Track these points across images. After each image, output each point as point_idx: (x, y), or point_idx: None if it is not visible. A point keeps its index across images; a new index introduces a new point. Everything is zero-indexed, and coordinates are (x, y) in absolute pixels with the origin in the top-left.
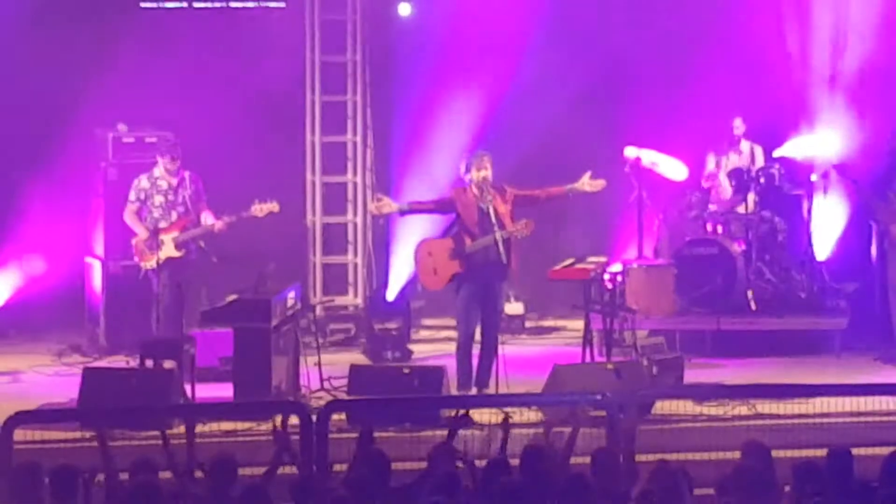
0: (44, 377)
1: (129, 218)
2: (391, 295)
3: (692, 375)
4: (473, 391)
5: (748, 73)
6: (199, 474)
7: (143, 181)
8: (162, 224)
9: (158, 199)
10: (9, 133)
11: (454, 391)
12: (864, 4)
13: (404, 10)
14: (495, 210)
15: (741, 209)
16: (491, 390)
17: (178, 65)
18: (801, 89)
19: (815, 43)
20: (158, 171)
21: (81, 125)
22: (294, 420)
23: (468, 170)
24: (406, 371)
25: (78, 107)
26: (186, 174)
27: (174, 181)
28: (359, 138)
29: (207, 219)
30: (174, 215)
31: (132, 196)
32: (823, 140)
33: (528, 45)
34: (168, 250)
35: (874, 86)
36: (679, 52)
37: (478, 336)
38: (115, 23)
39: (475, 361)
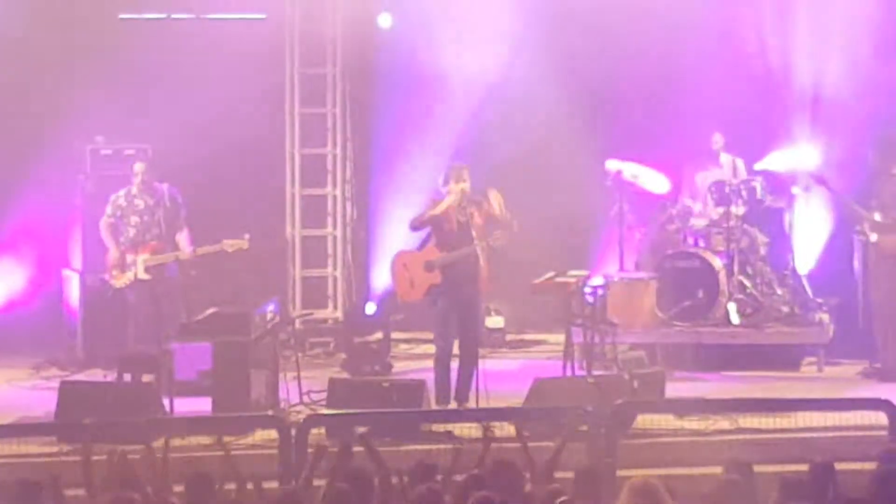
0: (21, 390)
1: (103, 231)
2: (370, 309)
3: (673, 389)
4: (453, 405)
5: (729, 87)
6: (177, 489)
7: (120, 198)
8: (131, 244)
9: (134, 219)
10: None
11: (434, 405)
12: (843, 20)
13: (384, 21)
14: (474, 222)
15: (722, 221)
16: (471, 404)
17: (156, 77)
18: (781, 104)
19: (795, 59)
20: (136, 188)
21: (59, 137)
22: (272, 434)
23: (446, 182)
24: (385, 385)
25: (56, 119)
26: (165, 187)
27: (151, 200)
28: (338, 151)
29: (182, 240)
30: (148, 237)
31: (109, 210)
32: (804, 153)
33: (510, 58)
34: (139, 272)
35: (853, 100)
36: (660, 67)
37: (456, 349)
38: (93, 34)
39: (454, 375)
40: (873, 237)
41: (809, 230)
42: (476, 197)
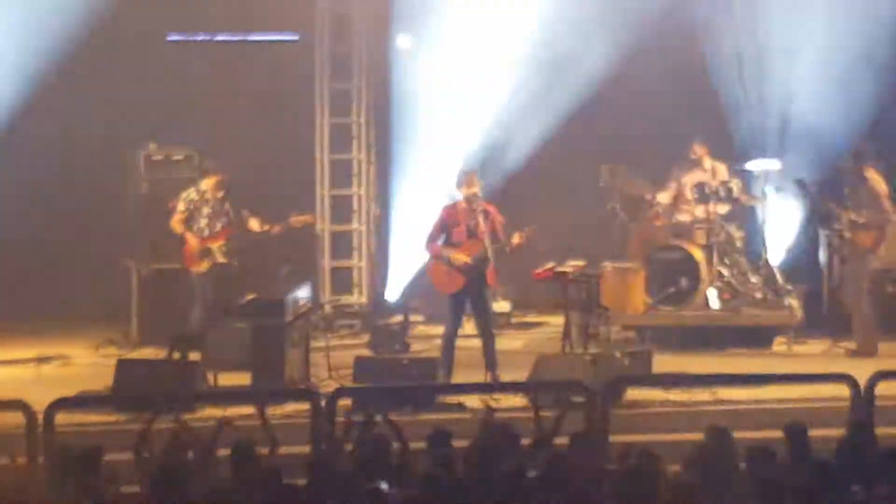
0: (83, 366)
1: (177, 226)
2: (391, 295)
3: (660, 366)
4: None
5: (711, 99)
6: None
7: (191, 193)
8: (207, 233)
9: (206, 210)
10: (51, 155)
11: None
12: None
13: (403, 42)
14: (479, 228)
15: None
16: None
17: (203, 91)
18: (758, 112)
19: (770, 71)
20: (206, 184)
21: (117, 145)
22: (305, 405)
23: (459, 185)
24: (405, 362)
25: (114, 129)
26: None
27: (219, 193)
28: (363, 156)
29: (254, 222)
30: (219, 225)
31: (181, 206)
32: (774, 160)
33: (514, 73)
34: (216, 257)
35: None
36: (647, 79)
37: (474, 331)
38: (146, 54)
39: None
40: (848, 234)
41: (781, 225)
42: (484, 205)
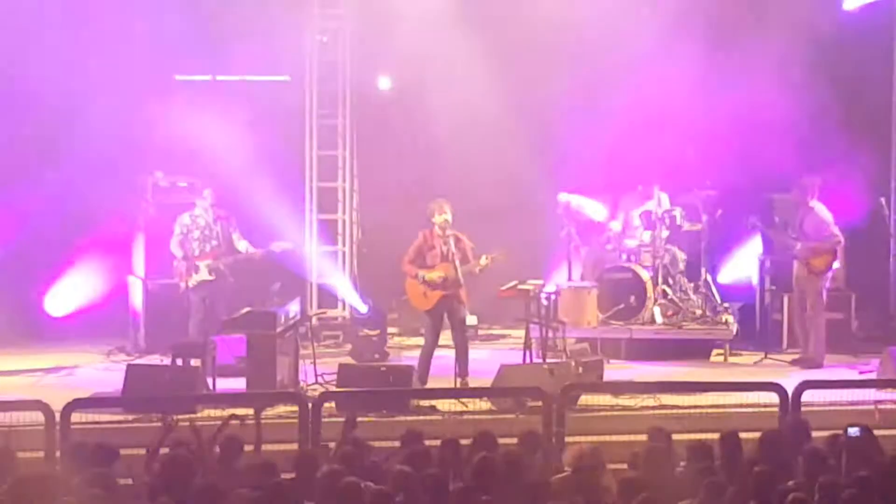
0: (96, 371)
1: (174, 248)
2: (363, 308)
3: (610, 374)
4: (455, 382)
5: (660, 132)
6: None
7: (185, 218)
8: (197, 253)
9: (197, 233)
10: (68, 179)
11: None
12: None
13: (384, 83)
14: (450, 251)
15: (649, 243)
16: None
17: (204, 124)
18: (702, 146)
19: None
20: (198, 209)
21: (127, 172)
22: (294, 407)
23: (432, 213)
24: (383, 369)
25: (125, 157)
26: (221, 213)
27: (210, 218)
28: (347, 184)
29: (247, 247)
30: (208, 247)
31: (176, 230)
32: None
33: (482, 111)
34: (203, 275)
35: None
36: (603, 114)
37: (450, 341)
38: (154, 91)
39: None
40: (803, 260)
41: (720, 250)
42: (455, 231)
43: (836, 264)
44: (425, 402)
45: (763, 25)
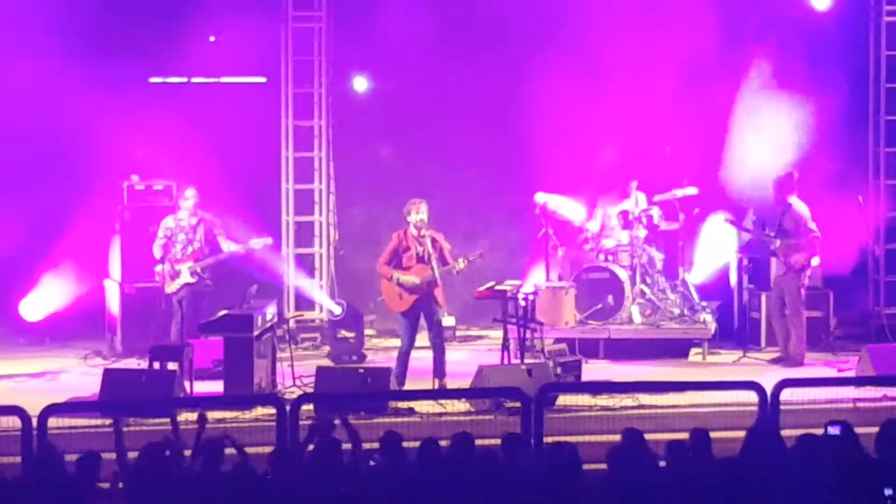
0: (72, 376)
1: (157, 251)
2: (337, 310)
3: (588, 374)
4: (434, 383)
5: (638, 133)
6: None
7: (169, 221)
8: (179, 256)
9: (181, 236)
10: (44, 184)
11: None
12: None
13: (360, 85)
14: (427, 251)
15: (627, 243)
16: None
17: (180, 127)
18: (682, 148)
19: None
20: (182, 212)
21: (103, 176)
22: (272, 410)
23: (408, 213)
24: (361, 371)
25: (100, 161)
26: (205, 215)
27: (193, 221)
28: (323, 186)
29: (229, 245)
30: (190, 249)
31: (160, 233)
32: (693, 188)
33: (457, 112)
34: (185, 277)
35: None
36: (581, 115)
37: (426, 343)
38: (129, 94)
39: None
40: (782, 257)
41: (697, 249)
42: (431, 232)
43: (815, 260)
44: (403, 404)
45: (741, 28)
